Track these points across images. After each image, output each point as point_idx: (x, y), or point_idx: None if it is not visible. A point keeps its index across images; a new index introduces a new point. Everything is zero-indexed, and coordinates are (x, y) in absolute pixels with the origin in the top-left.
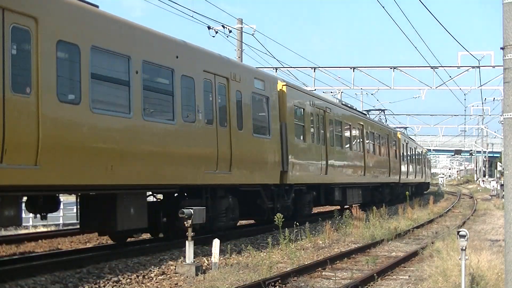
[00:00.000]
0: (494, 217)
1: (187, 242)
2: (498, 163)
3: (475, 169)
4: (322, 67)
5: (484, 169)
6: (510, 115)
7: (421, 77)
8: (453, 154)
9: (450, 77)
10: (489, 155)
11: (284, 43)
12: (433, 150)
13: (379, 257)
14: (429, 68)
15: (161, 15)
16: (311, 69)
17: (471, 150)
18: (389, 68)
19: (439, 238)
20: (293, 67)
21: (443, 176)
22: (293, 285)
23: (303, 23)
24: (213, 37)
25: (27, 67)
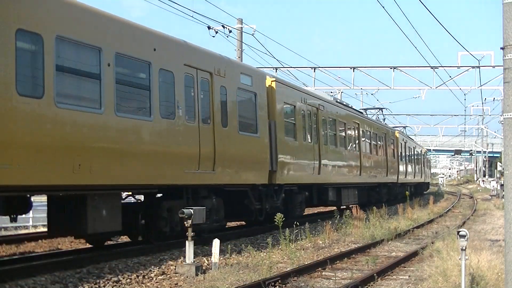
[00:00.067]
0: (494, 217)
1: (187, 242)
2: (498, 163)
3: (475, 169)
4: (322, 67)
5: (484, 169)
6: (510, 115)
7: (421, 77)
8: (453, 154)
9: (450, 77)
10: (489, 155)
11: (284, 43)
12: (433, 150)
13: (379, 257)
14: (429, 68)
15: (161, 15)
16: (311, 69)
17: (471, 150)
18: (389, 68)
19: (439, 238)
20: (293, 67)
21: (443, 176)
22: (293, 285)
23: (303, 23)
24: (213, 37)
25: None
